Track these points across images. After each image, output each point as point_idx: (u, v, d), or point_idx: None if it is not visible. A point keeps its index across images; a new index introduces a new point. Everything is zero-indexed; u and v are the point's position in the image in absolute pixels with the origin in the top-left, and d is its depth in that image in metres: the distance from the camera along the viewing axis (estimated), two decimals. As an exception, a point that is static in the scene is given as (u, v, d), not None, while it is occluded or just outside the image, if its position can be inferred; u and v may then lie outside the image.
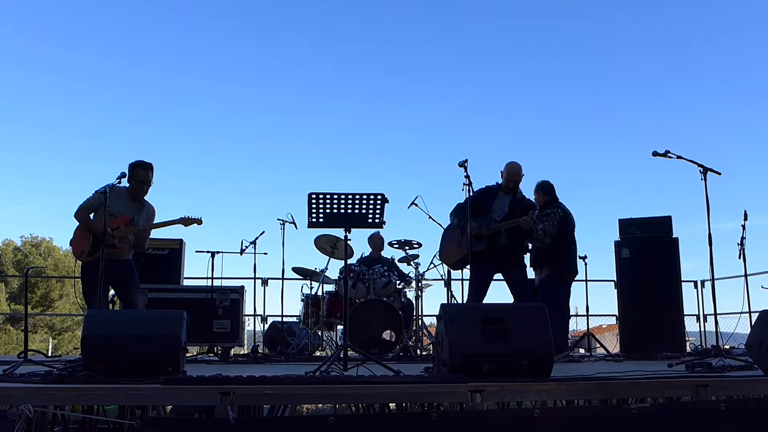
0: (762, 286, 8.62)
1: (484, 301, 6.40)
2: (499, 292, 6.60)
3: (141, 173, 6.07)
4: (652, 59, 50.95)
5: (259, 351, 7.87)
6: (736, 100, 50.04)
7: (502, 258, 6.42)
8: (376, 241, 8.73)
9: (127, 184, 6.04)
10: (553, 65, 52.42)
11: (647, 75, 51.11)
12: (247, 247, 8.14)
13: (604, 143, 55.63)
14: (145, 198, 6.19)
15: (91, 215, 6.00)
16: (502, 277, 6.64)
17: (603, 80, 52.85)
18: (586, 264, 8.35)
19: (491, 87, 55.23)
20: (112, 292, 6.23)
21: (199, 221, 6.16)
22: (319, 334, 8.19)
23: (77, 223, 6.01)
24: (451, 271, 7.63)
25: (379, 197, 4.94)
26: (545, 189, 7.24)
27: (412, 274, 8.15)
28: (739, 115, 50.21)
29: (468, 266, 6.78)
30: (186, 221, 6.13)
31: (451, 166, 6.57)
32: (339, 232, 5.05)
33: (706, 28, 49.97)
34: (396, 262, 8.49)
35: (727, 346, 7.54)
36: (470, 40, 53.10)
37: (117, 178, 5.77)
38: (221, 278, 8.13)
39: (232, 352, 8.00)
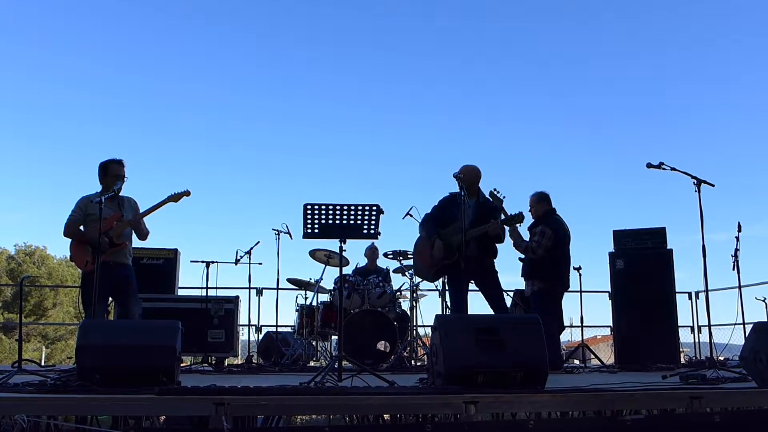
0: (756, 298, 8.66)
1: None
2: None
3: (114, 168, 6.03)
4: (647, 69, 51.19)
5: (254, 361, 7.85)
6: (730, 110, 50.26)
7: (472, 267, 6.29)
8: (371, 253, 8.74)
9: (101, 185, 6.04)
10: (547, 73, 52.65)
11: (642, 85, 51.35)
12: (242, 257, 8.15)
13: (599, 154, 55.81)
14: (120, 195, 6.07)
15: (81, 228, 5.98)
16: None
17: (597, 90, 53.07)
18: (580, 275, 8.38)
19: (486, 96, 55.43)
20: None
21: (187, 193, 6.09)
22: (314, 344, 8.18)
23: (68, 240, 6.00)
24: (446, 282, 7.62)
25: (374, 208, 4.95)
26: (545, 200, 7.24)
27: (406, 285, 8.16)
28: (733, 126, 50.45)
29: (444, 277, 6.83)
30: (175, 197, 6.07)
31: (447, 177, 6.58)
32: (334, 243, 5.05)
33: (700, 37, 50.25)
34: (391, 272, 8.50)
35: (721, 358, 7.55)
36: (466, 48, 53.27)
37: (114, 189, 5.77)
38: (216, 288, 8.13)
39: (227, 362, 7.98)
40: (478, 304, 6.78)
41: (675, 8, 49.18)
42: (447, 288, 6.71)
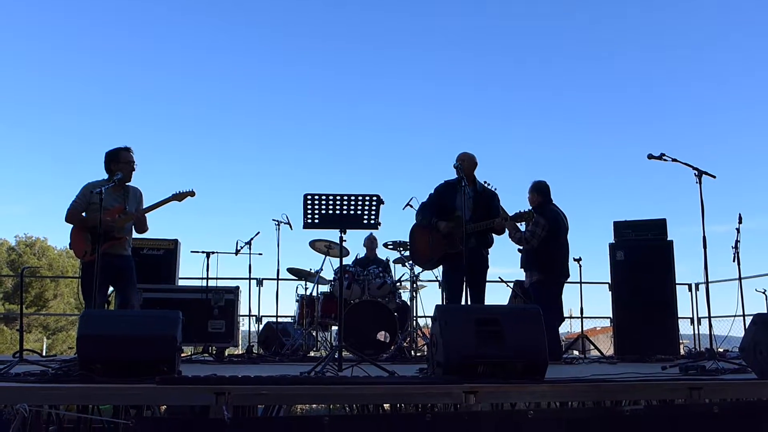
0: (756, 289, 8.66)
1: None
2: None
3: (125, 155, 6.01)
4: (647, 62, 51.09)
5: (254, 351, 7.87)
6: (731, 103, 50.22)
7: (471, 259, 6.09)
8: (369, 243, 8.74)
9: (107, 174, 6.00)
10: (548, 67, 52.56)
11: (643, 78, 51.26)
12: (242, 248, 8.15)
13: (600, 146, 55.78)
14: (127, 184, 6.09)
15: (83, 214, 5.96)
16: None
17: (598, 83, 52.97)
18: (580, 266, 8.38)
19: (486, 89, 55.39)
20: (111, 289, 6.20)
21: (192, 193, 6.09)
22: (314, 334, 8.20)
23: (70, 227, 5.98)
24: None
25: (374, 198, 4.94)
26: (539, 190, 7.23)
27: (406, 275, 8.16)
28: (734, 119, 50.41)
29: (439, 267, 6.84)
30: (179, 196, 6.07)
31: (447, 168, 6.58)
32: (334, 233, 5.05)
33: (701, 33, 50.13)
34: (391, 263, 8.50)
35: (720, 349, 7.56)
36: (466, 44, 53.20)
37: (115, 179, 5.75)
38: (216, 278, 8.14)
39: (227, 352, 8.00)
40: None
41: (678, 4, 49.05)
42: (444, 277, 6.70)
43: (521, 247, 7.12)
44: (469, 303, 6.16)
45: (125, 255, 6.06)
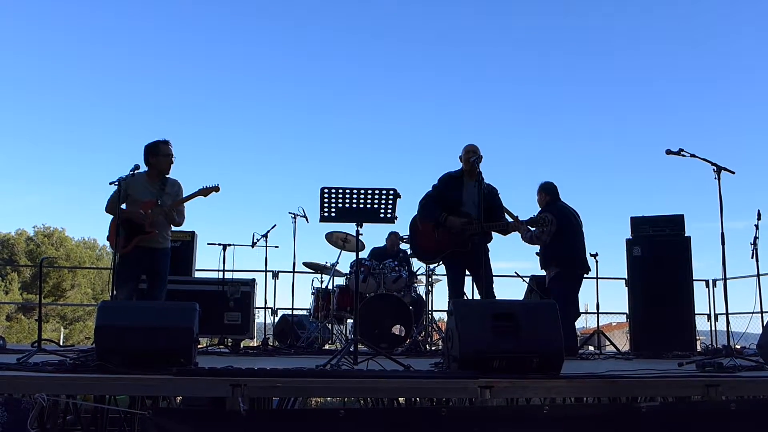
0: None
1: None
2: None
3: (165, 148, 6.07)
4: (666, 57, 50.69)
5: (270, 344, 7.89)
6: (750, 98, 49.71)
7: (475, 254, 6.16)
8: (394, 240, 8.75)
9: (146, 168, 6.07)
10: (566, 63, 52.26)
11: (662, 73, 50.88)
12: (258, 240, 8.18)
13: (618, 141, 55.44)
14: (166, 176, 6.16)
15: (123, 206, 6.00)
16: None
17: (617, 78, 52.63)
18: (597, 261, 8.33)
19: (504, 84, 55.16)
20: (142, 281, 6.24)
21: (216, 189, 6.14)
22: (329, 327, 8.21)
23: (104, 219, 6.05)
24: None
25: (391, 192, 4.94)
26: (547, 190, 7.25)
27: (422, 269, 8.15)
28: (752, 114, 49.92)
29: (440, 261, 6.88)
30: (205, 191, 6.13)
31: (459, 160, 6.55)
32: (350, 227, 5.05)
33: (720, 27, 49.64)
34: (408, 256, 8.49)
35: (738, 346, 7.50)
36: (485, 38, 53.01)
37: (131, 171, 5.77)
38: (232, 271, 8.17)
39: (243, 344, 8.03)
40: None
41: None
42: (448, 273, 6.68)
43: (538, 250, 7.13)
44: (477, 298, 6.19)
45: (159, 248, 6.10)
